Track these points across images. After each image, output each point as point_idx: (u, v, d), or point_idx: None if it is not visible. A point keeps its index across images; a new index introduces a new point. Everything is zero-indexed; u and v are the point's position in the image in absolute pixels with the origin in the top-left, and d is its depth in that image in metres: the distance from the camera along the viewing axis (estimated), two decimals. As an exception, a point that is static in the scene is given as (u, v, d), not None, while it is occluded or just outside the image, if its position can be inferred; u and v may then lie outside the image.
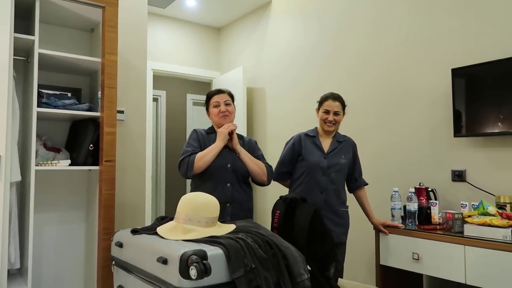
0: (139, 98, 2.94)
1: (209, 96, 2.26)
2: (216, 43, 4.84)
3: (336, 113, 2.34)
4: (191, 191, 2.18)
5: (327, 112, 2.34)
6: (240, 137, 2.29)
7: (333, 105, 2.34)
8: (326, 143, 2.39)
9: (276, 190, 3.82)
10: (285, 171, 2.45)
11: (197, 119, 5.89)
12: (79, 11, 2.46)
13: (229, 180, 2.14)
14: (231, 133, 2.16)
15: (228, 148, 2.18)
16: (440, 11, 2.67)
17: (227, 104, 2.22)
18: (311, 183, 2.32)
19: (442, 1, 2.66)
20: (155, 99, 5.52)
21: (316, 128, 2.46)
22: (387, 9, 3.01)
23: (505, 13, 2.35)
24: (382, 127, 3.00)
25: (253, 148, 2.30)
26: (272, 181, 2.36)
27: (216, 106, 2.22)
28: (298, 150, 2.40)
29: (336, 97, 2.36)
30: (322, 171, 2.31)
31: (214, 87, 4.65)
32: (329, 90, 3.38)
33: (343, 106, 2.38)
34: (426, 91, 2.72)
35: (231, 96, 2.28)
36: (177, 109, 5.71)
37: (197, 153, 2.11)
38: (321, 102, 2.40)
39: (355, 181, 2.44)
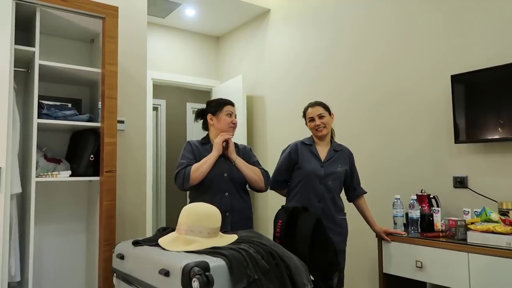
0: (139, 107, 2.94)
1: (223, 103, 2.26)
2: (215, 52, 4.86)
3: (320, 116, 2.37)
4: (190, 202, 2.17)
5: (312, 119, 2.39)
6: (235, 145, 2.30)
7: (314, 111, 2.39)
8: (323, 152, 2.40)
9: (277, 199, 3.80)
10: (281, 180, 2.45)
11: (197, 128, 5.88)
12: (79, 22, 2.47)
13: (227, 189, 2.14)
14: (227, 142, 2.17)
15: (223, 157, 2.18)
16: (438, 17, 2.68)
17: (236, 117, 2.28)
18: (308, 192, 2.31)
19: (441, 7, 2.68)
20: (155, 108, 5.53)
21: (313, 136, 2.47)
22: (384, 15, 3.02)
23: (505, 19, 2.36)
24: (381, 133, 2.99)
25: (248, 155, 2.31)
26: (271, 190, 2.35)
27: (229, 115, 2.24)
28: (294, 159, 2.39)
29: (314, 103, 2.42)
30: (319, 179, 2.31)
31: (214, 95, 4.66)
32: (327, 96, 3.39)
33: (326, 108, 2.41)
34: (425, 98, 2.73)
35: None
36: (177, 118, 5.72)
37: (192, 164, 2.12)
38: (304, 115, 2.47)
39: (354, 190, 2.44)
